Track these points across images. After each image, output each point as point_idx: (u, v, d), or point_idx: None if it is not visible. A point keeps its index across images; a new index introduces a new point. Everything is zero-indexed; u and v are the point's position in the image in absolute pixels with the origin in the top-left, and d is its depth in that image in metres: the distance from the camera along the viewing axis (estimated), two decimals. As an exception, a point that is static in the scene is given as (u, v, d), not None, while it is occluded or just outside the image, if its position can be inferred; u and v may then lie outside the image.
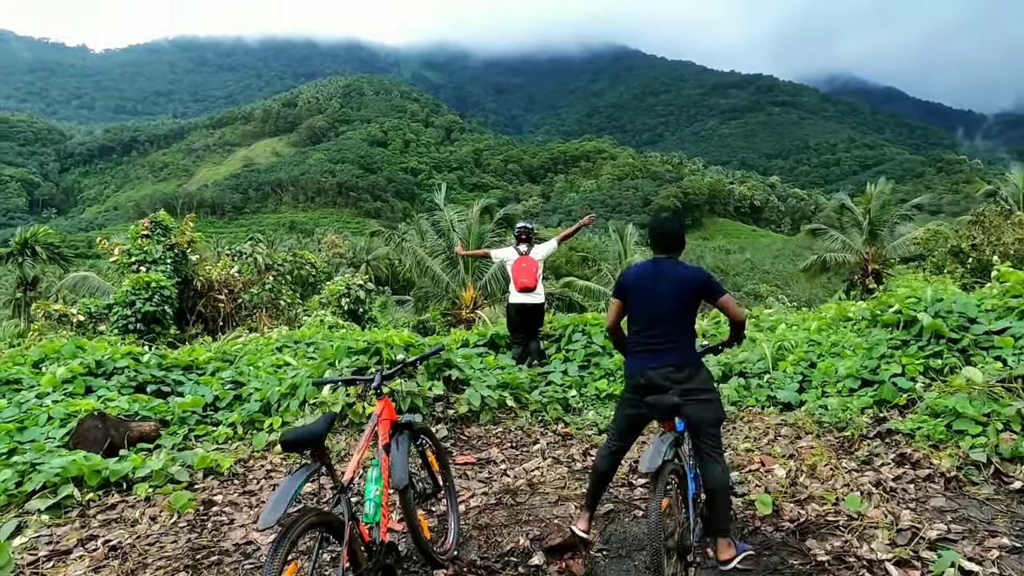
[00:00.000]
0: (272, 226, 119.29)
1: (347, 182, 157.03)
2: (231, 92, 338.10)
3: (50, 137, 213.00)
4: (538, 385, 7.38)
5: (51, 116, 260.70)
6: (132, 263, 15.40)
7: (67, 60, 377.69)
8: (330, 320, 14.62)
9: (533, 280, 8.06)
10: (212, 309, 16.77)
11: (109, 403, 6.39)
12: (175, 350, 9.87)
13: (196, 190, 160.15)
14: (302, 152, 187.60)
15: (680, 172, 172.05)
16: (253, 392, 7.21)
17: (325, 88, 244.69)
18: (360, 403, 6.51)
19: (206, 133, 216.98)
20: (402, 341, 7.24)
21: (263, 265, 18.59)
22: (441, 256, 24.05)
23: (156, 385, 7.36)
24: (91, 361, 7.19)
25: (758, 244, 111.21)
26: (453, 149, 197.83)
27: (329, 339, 10.26)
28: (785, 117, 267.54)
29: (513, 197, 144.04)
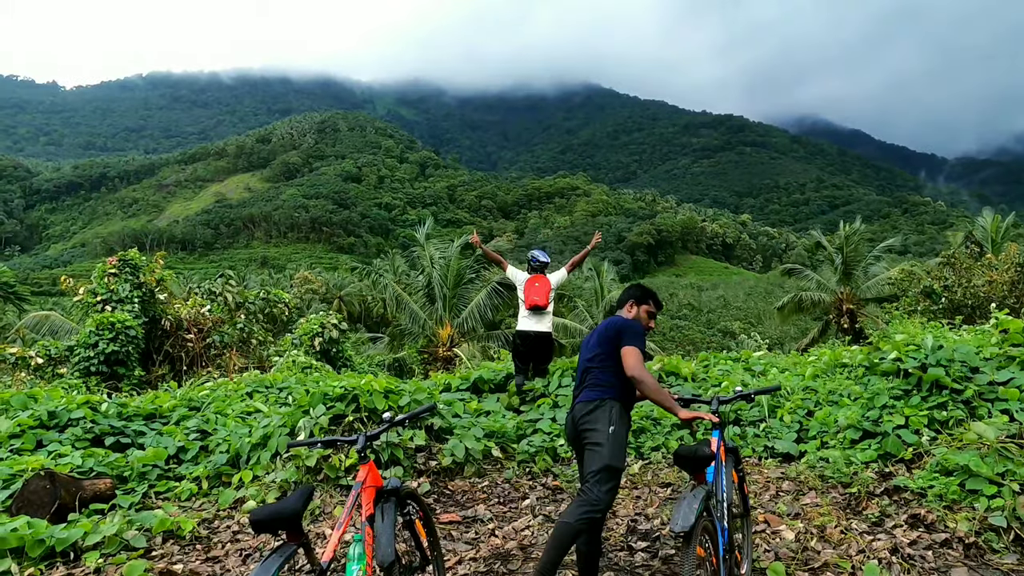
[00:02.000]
0: (243, 261, 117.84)
1: (320, 217, 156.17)
2: (204, 128, 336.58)
3: (15, 174, 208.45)
4: (525, 433, 7.06)
5: (17, 153, 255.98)
6: (97, 302, 14.81)
7: (36, 97, 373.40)
8: (303, 361, 14.14)
9: (545, 299, 7.87)
10: (180, 349, 16.17)
11: (61, 459, 5.93)
12: (138, 396, 9.38)
13: (166, 226, 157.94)
14: (275, 187, 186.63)
15: (653, 209, 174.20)
16: (221, 443, 6.80)
17: (300, 124, 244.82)
18: (336, 456, 6.13)
19: (178, 169, 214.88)
20: (381, 387, 6.89)
21: (234, 303, 18.03)
22: (419, 293, 23.76)
23: (115, 437, 6.89)
24: (43, 412, 6.71)
25: (730, 281, 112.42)
26: (427, 185, 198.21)
27: (303, 383, 9.85)
28: (756, 157, 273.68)
29: (487, 232, 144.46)
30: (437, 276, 22.77)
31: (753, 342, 34.23)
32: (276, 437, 6.52)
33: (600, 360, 3.73)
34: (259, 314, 18.26)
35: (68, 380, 12.05)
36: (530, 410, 7.68)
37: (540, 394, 7.89)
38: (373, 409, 6.73)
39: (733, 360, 8.57)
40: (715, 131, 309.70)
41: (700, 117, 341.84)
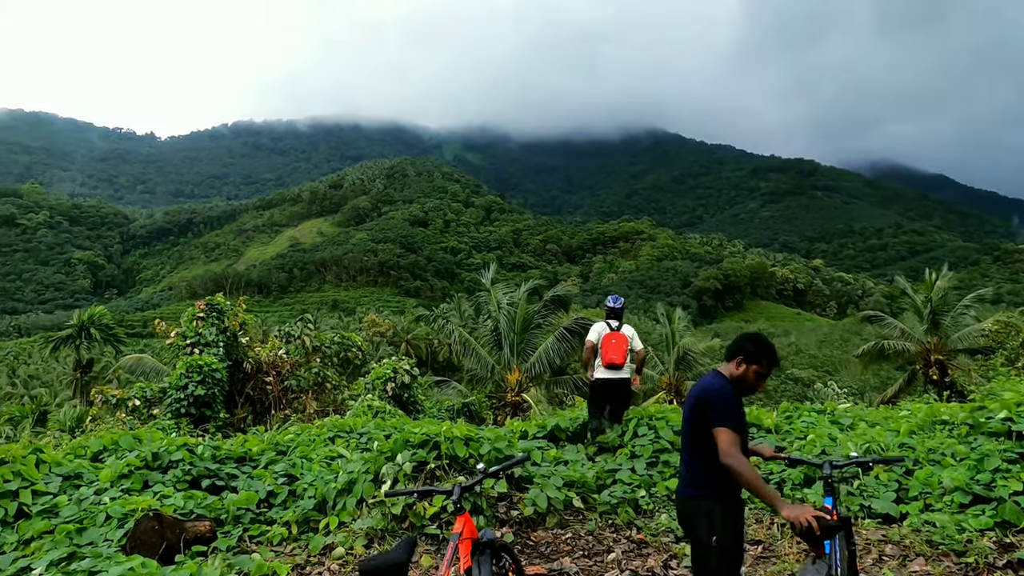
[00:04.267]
0: (315, 305, 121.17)
1: (388, 261, 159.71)
2: (281, 175, 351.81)
3: (115, 221, 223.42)
4: (605, 483, 6.97)
5: (117, 201, 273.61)
6: (186, 345, 15.52)
7: (135, 147, 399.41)
8: (377, 405, 14.39)
9: (621, 357, 7.94)
10: (260, 392, 16.70)
11: (165, 500, 6.21)
12: (227, 439, 9.72)
13: (244, 270, 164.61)
14: (346, 232, 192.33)
15: (720, 254, 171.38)
16: (308, 487, 6.96)
17: (370, 170, 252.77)
18: (420, 504, 6.19)
19: (256, 214, 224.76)
20: (461, 434, 6.96)
21: (310, 347, 18.56)
22: (486, 337, 23.84)
23: (210, 479, 7.14)
24: (148, 454, 7.05)
25: (802, 327, 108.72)
26: (493, 229, 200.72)
27: (381, 428, 10.03)
28: (827, 201, 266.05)
29: (552, 276, 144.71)
30: (504, 321, 22.81)
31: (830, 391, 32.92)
32: (361, 483, 6.63)
33: (690, 444, 3.35)
34: (334, 358, 18.72)
35: (161, 421, 12.62)
36: (607, 459, 7.60)
37: (616, 445, 7.82)
38: (454, 456, 6.80)
39: (817, 412, 8.27)
40: (784, 175, 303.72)
41: (768, 161, 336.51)
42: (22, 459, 6.37)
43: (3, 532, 5.51)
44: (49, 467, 6.64)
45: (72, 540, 5.26)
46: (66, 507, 5.90)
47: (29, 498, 5.94)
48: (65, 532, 5.35)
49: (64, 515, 5.74)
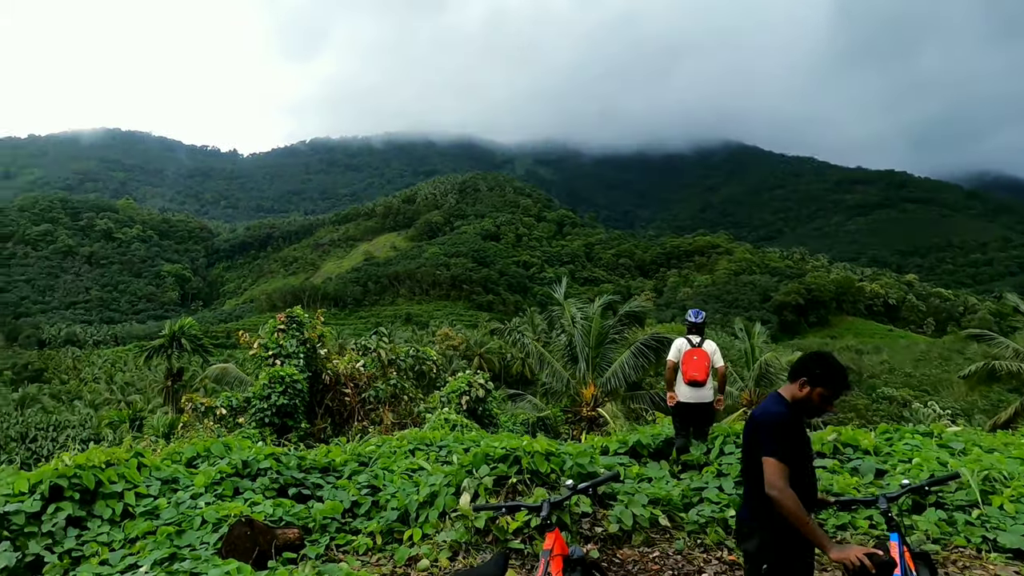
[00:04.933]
0: (389, 318, 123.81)
1: (460, 275, 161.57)
2: (356, 190, 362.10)
3: (201, 235, 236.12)
4: (692, 502, 6.81)
5: (203, 216, 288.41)
6: (268, 356, 16.12)
7: (220, 164, 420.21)
8: (454, 419, 14.54)
9: (703, 373, 7.80)
10: (338, 403, 17.15)
11: (255, 507, 6.44)
12: (310, 449, 10.03)
13: (321, 283, 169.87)
14: (419, 246, 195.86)
15: (802, 268, 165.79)
16: (390, 499, 7.09)
17: (442, 184, 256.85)
18: (503, 518, 6.20)
19: (332, 229, 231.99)
20: (542, 449, 6.97)
21: (386, 360, 18.94)
22: (560, 352, 23.81)
23: (296, 488, 7.38)
24: (238, 461, 7.34)
25: (895, 345, 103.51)
26: (565, 243, 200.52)
27: (460, 441, 10.15)
28: (922, 214, 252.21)
29: (625, 291, 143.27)
30: (578, 336, 22.74)
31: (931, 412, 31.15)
32: (443, 496, 6.71)
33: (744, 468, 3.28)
34: (409, 371, 19.04)
35: (247, 430, 13.14)
36: (692, 477, 7.43)
37: (703, 463, 7.66)
38: (535, 471, 6.81)
39: (922, 434, 7.85)
40: (872, 187, 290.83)
41: (855, 173, 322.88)
42: (125, 462, 6.74)
43: (111, 530, 5.85)
44: (149, 471, 7.00)
45: (172, 541, 5.53)
46: (165, 510, 6.22)
47: (133, 499, 6.29)
48: (166, 533, 5.63)
49: (164, 517, 6.06)
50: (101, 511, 6.07)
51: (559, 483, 6.76)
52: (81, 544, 5.67)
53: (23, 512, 5.68)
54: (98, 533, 5.82)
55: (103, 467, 6.39)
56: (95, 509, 6.09)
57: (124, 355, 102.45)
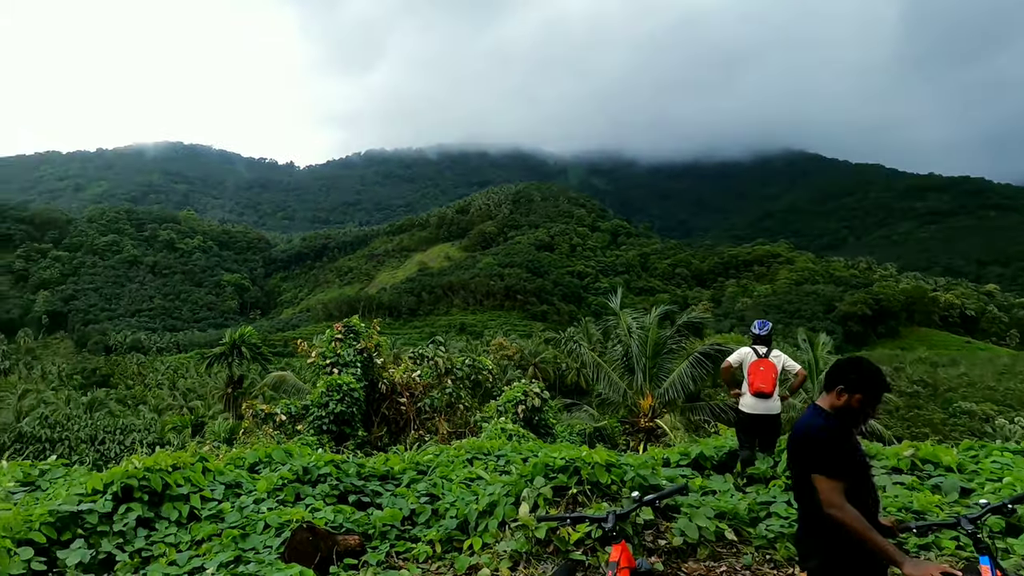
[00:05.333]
0: (443, 327, 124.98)
1: (515, 285, 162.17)
2: (410, 201, 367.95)
3: (259, 245, 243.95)
4: (759, 516, 6.61)
5: (260, 227, 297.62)
6: (326, 365, 16.43)
7: (277, 177, 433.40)
8: (510, 428, 14.53)
9: (770, 385, 7.59)
10: (394, 412, 17.34)
11: (316, 512, 6.53)
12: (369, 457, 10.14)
13: (376, 293, 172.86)
14: (473, 256, 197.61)
15: (868, 277, 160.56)
16: (449, 507, 7.09)
17: (496, 195, 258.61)
18: (564, 529, 6.13)
19: (386, 239, 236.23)
20: (602, 460, 6.88)
21: (443, 369, 19.10)
22: (617, 362, 23.60)
23: (356, 495, 7.46)
24: (299, 468, 7.47)
25: (974, 358, 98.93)
26: (619, 253, 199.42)
27: (517, 451, 10.12)
28: (1002, 221, 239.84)
29: (681, 301, 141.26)
30: (635, 346, 22.48)
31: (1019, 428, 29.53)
32: (502, 506, 6.68)
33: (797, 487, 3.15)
34: (466, 380, 19.14)
35: (305, 437, 13.40)
36: (759, 490, 7.21)
37: (769, 476, 7.44)
38: (596, 482, 6.73)
39: (1012, 452, 7.43)
40: (945, 194, 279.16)
41: (926, 180, 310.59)
42: (191, 466, 6.94)
43: (178, 532, 6.01)
44: (213, 475, 7.19)
45: (237, 544, 5.65)
46: (229, 513, 6.36)
47: (198, 502, 6.46)
48: (231, 537, 5.76)
49: (228, 520, 6.20)
50: (168, 513, 6.26)
51: (620, 495, 6.67)
52: (150, 544, 5.85)
53: (96, 512, 5.90)
54: (166, 534, 5.99)
55: (170, 470, 6.58)
56: (163, 511, 6.28)
57: (186, 362, 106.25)
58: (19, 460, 9.78)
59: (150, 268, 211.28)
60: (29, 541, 5.40)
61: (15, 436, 23.14)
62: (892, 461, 7.31)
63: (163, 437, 29.21)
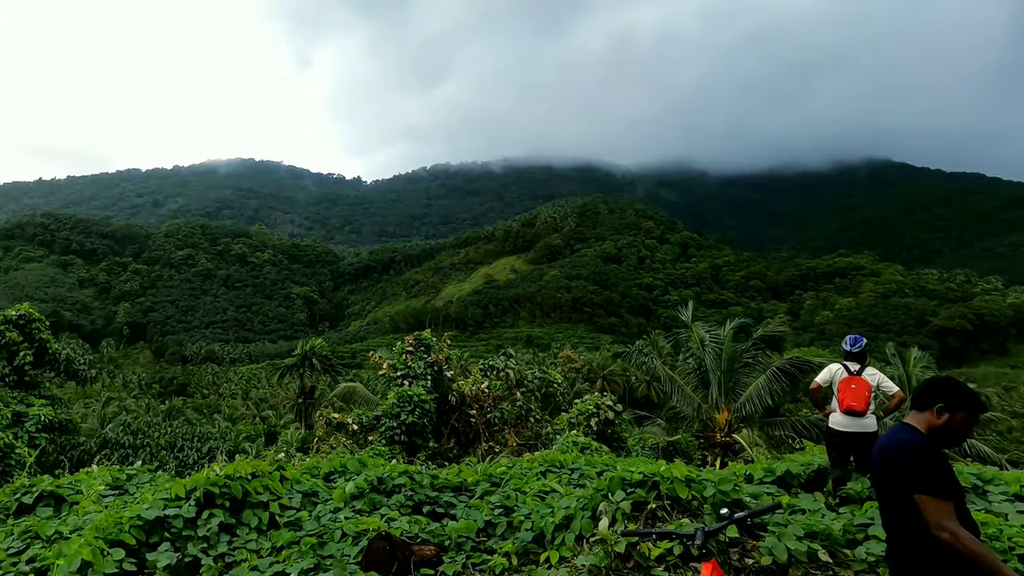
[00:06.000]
0: (510, 340, 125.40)
1: (582, 298, 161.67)
2: (476, 215, 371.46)
3: (327, 259, 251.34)
4: (856, 538, 6.31)
5: (328, 241, 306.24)
6: (397, 377, 16.71)
7: (344, 191, 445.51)
8: (582, 441, 14.43)
9: (863, 403, 7.27)
10: (464, 424, 17.46)
11: (392, 522, 6.62)
12: (442, 468, 10.23)
13: (442, 305, 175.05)
14: (539, 269, 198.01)
15: (968, 291, 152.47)
16: (524, 520, 7.07)
17: (562, 208, 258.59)
18: (644, 544, 6.02)
19: (452, 253, 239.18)
20: (682, 475, 6.73)
21: (513, 381, 19.14)
22: (690, 375, 23.22)
23: (430, 506, 7.52)
24: (374, 478, 7.59)
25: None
26: (689, 266, 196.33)
27: (592, 464, 10.03)
28: None
29: (756, 314, 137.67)
30: (709, 359, 22.07)
31: None
32: (579, 519, 6.62)
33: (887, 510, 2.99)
34: (536, 392, 19.13)
35: (377, 447, 13.63)
36: (855, 511, 6.89)
37: (865, 497, 7.11)
38: (675, 497, 6.59)
39: None
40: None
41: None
42: (269, 474, 7.13)
43: (259, 539, 6.19)
44: (291, 484, 7.37)
45: (316, 552, 5.77)
46: (307, 521, 6.52)
47: (277, 510, 6.63)
48: (309, 544, 5.89)
49: (307, 528, 6.35)
50: (249, 519, 6.45)
51: (701, 511, 6.52)
52: (232, 549, 6.03)
53: (181, 516, 6.13)
54: (247, 540, 6.17)
55: (249, 478, 6.78)
56: (243, 517, 6.47)
57: (258, 372, 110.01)
58: (107, 465, 10.28)
59: (223, 281, 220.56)
60: (120, 542, 5.64)
61: (101, 442, 24.44)
62: (1014, 488, 6.87)
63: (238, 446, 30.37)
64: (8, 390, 20.22)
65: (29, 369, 21.39)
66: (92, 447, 22.68)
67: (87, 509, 7.30)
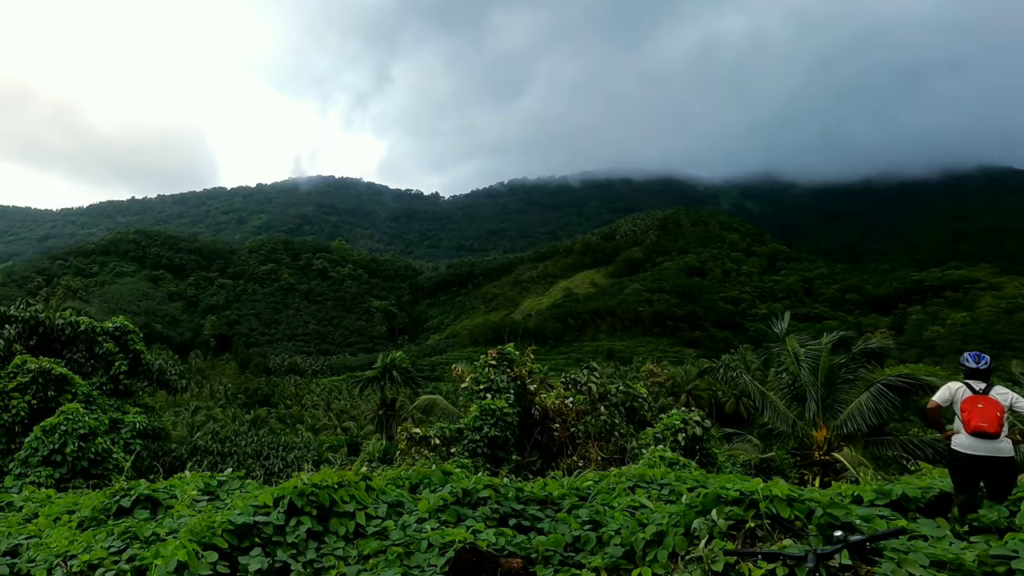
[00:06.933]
0: (590, 354, 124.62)
1: (664, 311, 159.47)
2: (554, 229, 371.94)
3: (406, 274, 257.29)
4: (994, 571, 5.82)
5: (407, 256, 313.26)
6: (480, 390, 16.83)
7: (422, 207, 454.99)
8: (670, 456, 14.10)
9: (994, 424, 6.67)
10: (547, 437, 17.38)
11: (478, 534, 6.58)
12: (527, 481, 10.17)
13: (521, 319, 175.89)
14: (619, 282, 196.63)
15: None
16: (613, 535, 6.92)
17: (642, 221, 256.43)
18: (745, 564, 5.76)
19: (531, 266, 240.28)
20: (783, 493, 6.42)
21: (596, 394, 18.95)
22: (783, 391, 22.50)
23: (516, 518, 7.45)
24: (459, 490, 7.59)
25: None
26: (779, 278, 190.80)
27: (682, 480, 9.77)
28: None
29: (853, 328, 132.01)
30: (806, 374, 21.30)
31: None
32: (672, 536, 6.43)
33: None
34: (620, 407, 18.89)
35: (459, 459, 13.70)
36: (990, 542, 6.36)
37: (1003, 527, 6.54)
38: (776, 516, 6.32)
39: None
40: None
41: None
42: (355, 484, 7.24)
43: (346, 547, 6.29)
44: (376, 494, 7.45)
45: (402, 562, 5.80)
46: (393, 531, 6.58)
47: (363, 519, 6.72)
48: (395, 554, 5.94)
49: (393, 538, 6.40)
50: (336, 528, 6.56)
51: (805, 532, 6.21)
52: (320, 556, 6.14)
53: (271, 523, 6.29)
54: (334, 548, 6.27)
55: (336, 487, 6.91)
56: (331, 525, 6.60)
57: (339, 384, 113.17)
58: (198, 471, 10.70)
59: (305, 295, 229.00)
60: (213, 546, 5.84)
61: (191, 449, 25.60)
62: None
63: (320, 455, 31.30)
64: (105, 398, 21.42)
65: (124, 378, 22.62)
66: (183, 454, 23.76)
67: (181, 513, 7.59)
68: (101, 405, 20.51)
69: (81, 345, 22.53)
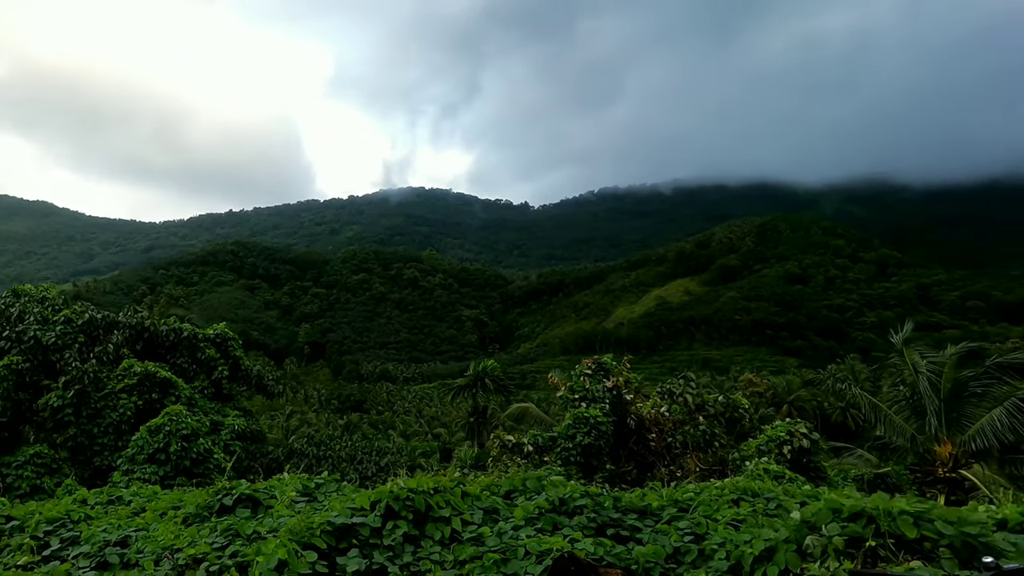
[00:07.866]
0: (684, 363, 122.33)
1: (763, 320, 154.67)
2: (646, 237, 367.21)
3: (496, 283, 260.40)
4: None
5: (497, 265, 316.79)
6: (575, 399, 16.73)
7: (512, 216, 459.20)
8: (775, 469, 13.54)
9: None
10: (642, 447, 17.06)
11: (575, 543, 6.45)
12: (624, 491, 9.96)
13: (613, 328, 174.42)
14: (714, 290, 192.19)
15: None
16: (717, 549, 6.64)
17: (738, 228, 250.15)
18: (867, 586, 5.38)
19: (622, 275, 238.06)
20: (909, 509, 5.98)
21: (693, 405, 18.45)
22: (900, 403, 21.41)
23: (614, 528, 7.27)
24: (555, 498, 7.48)
25: None
26: (889, 285, 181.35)
27: (790, 494, 9.34)
28: None
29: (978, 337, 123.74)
30: (927, 386, 20.13)
31: None
32: (782, 552, 6.10)
33: None
34: (720, 417, 18.36)
35: (552, 467, 13.59)
36: None
37: None
38: (900, 536, 5.88)
39: None
40: None
41: None
42: (450, 490, 7.25)
43: (442, 552, 6.29)
44: (471, 500, 7.43)
45: (499, 568, 5.74)
46: (489, 537, 6.53)
47: (459, 525, 6.71)
48: (492, 560, 5.88)
49: (489, 544, 6.36)
50: (432, 532, 6.58)
51: (935, 554, 5.74)
52: (416, 560, 6.16)
53: (368, 525, 6.37)
54: (430, 552, 6.29)
55: (431, 492, 6.94)
56: (426, 530, 6.62)
57: (430, 391, 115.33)
58: (296, 473, 11.04)
59: (396, 304, 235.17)
60: (312, 545, 5.96)
61: (287, 451, 26.54)
62: None
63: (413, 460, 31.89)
64: (206, 401, 22.50)
65: (225, 383, 23.70)
66: (279, 456, 24.68)
67: (280, 513, 7.81)
68: (203, 408, 21.52)
69: (184, 351, 23.70)
